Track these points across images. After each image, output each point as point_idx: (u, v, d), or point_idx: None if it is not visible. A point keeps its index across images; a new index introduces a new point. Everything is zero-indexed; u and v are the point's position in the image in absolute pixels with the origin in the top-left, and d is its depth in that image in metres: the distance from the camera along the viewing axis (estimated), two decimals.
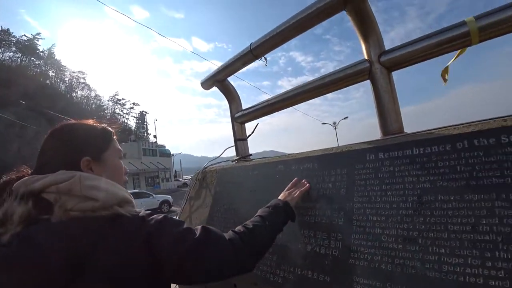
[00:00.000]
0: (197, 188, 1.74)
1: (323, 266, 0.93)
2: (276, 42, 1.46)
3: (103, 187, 0.68)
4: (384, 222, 0.86)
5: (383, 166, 0.94)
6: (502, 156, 0.75)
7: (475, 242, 0.71)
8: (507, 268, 0.65)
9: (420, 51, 1.13)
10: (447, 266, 0.72)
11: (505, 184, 0.72)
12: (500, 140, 0.78)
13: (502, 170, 0.74)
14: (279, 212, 0.95)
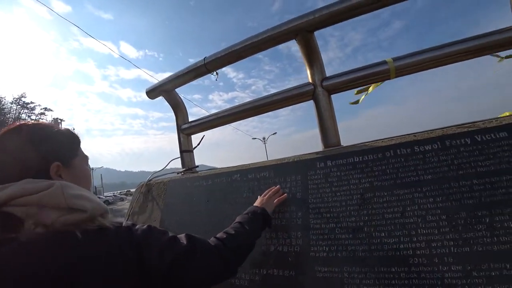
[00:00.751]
0: (141, 202, 1.63)
1: (287, 262, 1.03)
2: (230, 59, 1.57)
3: (89, 197, 0.63)
4: (336, 217, 1.03)
5: (331, 172, 1.12)
6: (416, 161, 1.01)
7: (404, 224, 0.92)
8: (426, 240, 0.87)
9: (353, 79, 1.40)
10: (387, 246, 0.91)
11: (420, 181, 0.97)
12: (414, 150, 1.04)
13: (417, 171, 0.99)
14: (257, 218, 0.99)
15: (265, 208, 1.05)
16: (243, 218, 0.97)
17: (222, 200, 1.31)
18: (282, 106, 1.55)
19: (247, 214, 0.99)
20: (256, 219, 0.98)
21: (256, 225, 0.97)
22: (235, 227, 0.91)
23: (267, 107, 1.56)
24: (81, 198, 0.60)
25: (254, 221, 0.97)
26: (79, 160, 0.75)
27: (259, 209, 1.03)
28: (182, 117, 1.83)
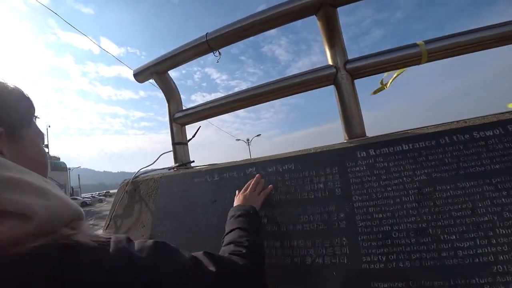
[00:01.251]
0: (125, 203, 1.31)
1: (331, 277, 0.80)
2: (238, 36, 1.34)
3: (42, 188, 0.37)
4: (390, 218, 0.82)
5: (377, 162, 0.92)
6: (478, 149, 0.85)
7: (478, 224, 0.74)
8: (509, 242, 0.70)
9: (379, 63, 1.23)
10: (461, 251, 0.73)
11: (487, 171, 0.80)
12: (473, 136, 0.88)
13: (481, 160, 0.83)
14: (253, 219, 0.83)
15: (254, 207, 0.88)
16: (240, 223, 0.79)
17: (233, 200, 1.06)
18: (298, 91, 1.34)
19: (241, 217, 0.81)
20: (253, 220, 0.82)
21: (258, 226, 0.83)
22: (242, 235, 0.74)
23: (281, 92, 1.34)
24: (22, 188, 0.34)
25: (253, 223, 0.81)
26: (31, 133, 0.50)
27: (249, 208, 0.86)
28: (176, 104, 1.54)
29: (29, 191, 0.33)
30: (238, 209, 0.86)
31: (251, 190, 0.95)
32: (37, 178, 0.37)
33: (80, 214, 0.41)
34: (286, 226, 0.92)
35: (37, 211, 0.32)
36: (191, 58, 1.41)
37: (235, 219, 0.81)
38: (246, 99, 1.40)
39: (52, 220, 0.34)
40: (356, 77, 1.28)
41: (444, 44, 1.16)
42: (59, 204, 0.36)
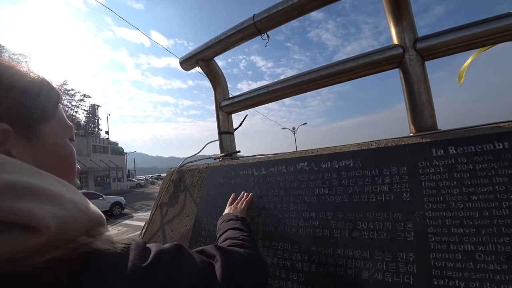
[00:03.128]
0: (171, 191, 1.33)
1: None
2: (289, 16, 1.21)
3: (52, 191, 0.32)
4: (474, 235, 0.66)
5: (459, 164, 0.75)
6: None
7: None
8: None
9: (459, 40, 1.01)
10: None
11: None
12: None
13: None
14: (243, 221, 0.87)
15: (243, 216, 0.91)
16: (231, 225, 0.83)
17: (283, 197, 0.98)
18: (356, 76, 1.18)
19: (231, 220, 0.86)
20: (242, 223, 0.85)
21: (246, 226, 0.86)
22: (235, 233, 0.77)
23: (335, 78, 1.19)
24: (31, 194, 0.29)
25: (242, 225, 0.84)
26: (53, 128, 0.44)
27: (237, 213, 0.92)
28: (222, 92, 1.49)
29: (39, 198, 0.29)
30: (226, 216, 0.91)
31: (235, 203, 1.02)
32: (51, 181, 0.33)
33: (100, 219, 0.38)
34: (341, 231, 0.82)
35: (48, 223, 0.28)
36: (237, 43, 1.32)
37: (225, 223, 0.85)
38: (297, 86, 1.28)
39: (67, 230, 0.30)
40: (428, 58, 1.07)
41: None
42: (75, 211, 0.32)
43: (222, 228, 0.84)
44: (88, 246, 0.32)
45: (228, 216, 0.90)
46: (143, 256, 0.37)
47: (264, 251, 0.93)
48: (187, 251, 0.46)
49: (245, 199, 1.03)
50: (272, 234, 0.94)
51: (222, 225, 0.86)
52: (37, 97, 0.42)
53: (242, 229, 0.80)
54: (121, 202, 14.85)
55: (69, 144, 0.47)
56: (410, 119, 1.08)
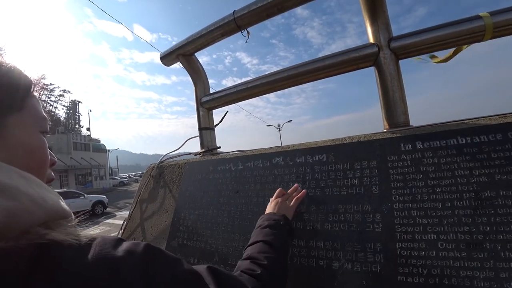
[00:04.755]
0: (151, 187, 1.32)
1: (361, 287, 0.71)
2: (269, 12, 1.22)
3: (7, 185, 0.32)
4: (437, 225, 0.69)
5: (425, 158, 0.78)
6: None
7: None
8: None
9: (432, 40, 1.05)
10: None
11: None
12: None
13: None
14: (283, 232, 0.73)
15: (286, 216, 0.78)
16: (267, 235, 0.69)
17: (258, 192, 0.99)
18: (333, 73, 1.20)
19: (269, 228, 0.72)
20: (281, 233, 0.72)
21: (286, 241, 0.72)
22: (264, 250, 0.64)
23: (314, 74, 1.21)
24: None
25: (280, 236, 0.71)
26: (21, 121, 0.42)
27: (280, 217, 0.76)
28: (203, 87, 1.49)
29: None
30: (268, 217, 0.76)
31: (284, 197, 0.86)
32: (11, 174, 0.32)
33: (61, 213, 0.37)
34: (313, 224, 0.84)
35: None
36: (218, 39, 1.32)
37: (261, 230, 0.72)
38: (276, 82, 1.29)
39: (19, 221, 0.30)
40: (402, 57, 1.11)
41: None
42: (28, 204, 0.32)
43: (254, 235, 0.72)
44: (43, 237, 0.31)
45: (270, 217, 0.76)
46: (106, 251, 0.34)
47: (240, 244, 0.94)
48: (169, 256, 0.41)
49: (296, 195, 0.86)
50: (248, 227, 0.95)
51: (257, 231, 0.73)
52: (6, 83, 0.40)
53: (276, 246, 0.66)
54: (103, 201, 14.52)
55: (39, 138, 0.45)
56: (384, 115, 1.11)
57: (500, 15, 0.96)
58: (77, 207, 12.85)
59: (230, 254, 0.95)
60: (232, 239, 0.97)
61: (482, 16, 0.99)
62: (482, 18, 0.99)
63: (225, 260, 0.95)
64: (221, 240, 0.99)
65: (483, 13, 1.01)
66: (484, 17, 0.99)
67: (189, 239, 1.09)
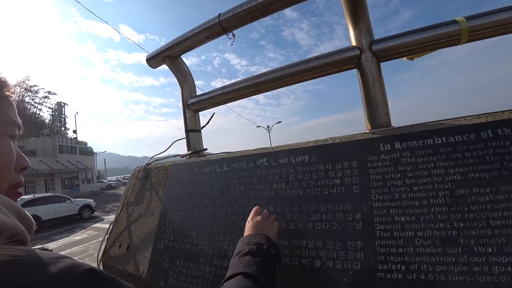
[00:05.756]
0: (137, 190, 1.31)
1: (343, 284, 0.72)
2: (253, 16, 1.23)
3: None
4: (415, 222, 0.72)
5: (403, 157, 0.81)
6: None
7: None
8: None
9: (411, 43, 1.08)
10: (498, 267, 0.61)
11: None
12: None
13: None
14: (267, 258, 0.61)
15: (269, 237, 0.67)
16: (248, 265, 0.57)
17: (243, 192, 1.00)
18: (317, 75, 1.22)
19: (250, 256, 0.60)
20: (266, 261, 0.60)
21: (271, 270, 0.60)
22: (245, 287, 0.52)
23: (299, 76, 1.23)
24: None
25: (265, 266, 0.59)
26: None
27: (262, 240, 0.65)
28: (189, 90, 1.49)
29: None
30: (247, 241, 0.65)
31: (264, 215, 0.75)
32: None
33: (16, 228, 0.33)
34: (296, 223, 0.85)
35: None
36: (204, 41, 1.33)
37: (240, 258, 0.60)
38: (262, 84, 1.30)
39: None
40: (383, 59, 1.14)
41: (490, 20, 0.99)
42: None
43: (233, 265, 0.60)
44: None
45: (250, 241, 0.65)
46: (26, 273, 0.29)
47: (225, 245, 0.94)
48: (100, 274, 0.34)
49: None
50: (232, 228, 0.95)
51: (236, 261, 0.61)
52: None
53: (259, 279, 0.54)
54: (91, 205, 14.24)
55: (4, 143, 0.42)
56: (366, 116, 1.14)
57: (475, 20, 1.00)
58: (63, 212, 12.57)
59: (215, 255, 0.96)
60: (218, 240, 0.98)
61: (458, 20, 1.03)
62: (458, 23, 1.03)
63: (210, 261, 0.96)
64: (207, 241, 0.99)
65: (459, 17, 1.05)
66: (460, 21, 1.03)
67: (175, 240, 1.09)
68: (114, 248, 1.28)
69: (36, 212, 11.24)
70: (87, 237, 8.84)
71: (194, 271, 0.97)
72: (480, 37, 1.04)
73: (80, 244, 7.93)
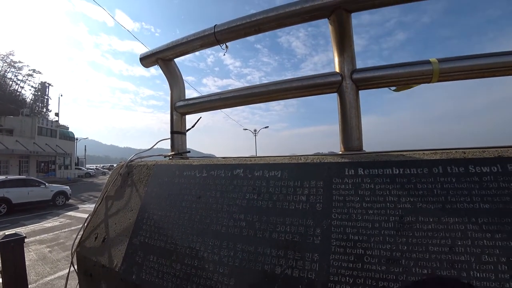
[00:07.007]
0: (118, 185, 1.35)
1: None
2: (247, 32, 1.31)
3: None
4: (366, 242, 0.81)
5: (364, 183, 0.90)
6: (470, 184, 0.81)
7: (453, 262, 0.72)
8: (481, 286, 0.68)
9: (388, 76, 1.18)
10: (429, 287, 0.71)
11: (475, 210, 0.77)
12: (468, 170, 0.84)
13: (471, 197, 0.79)
14: None
15: None
16: None
17: (218, 199, 1.07)
18: (300, 95, 1.32)
19: None
20: None
21: None
22: None
23: (283, 94, 1.32)
24: None
25: None
26: None
27: None
28: (178, 92, 1.55)
29: None
30: None
31: None
32: None
33: None
34: (263, 232, 0.93)
35: None
36: (197, 49, 1.40)
37: None
38: (248, 97, 1.38)
39: None
40: (362, 88, 1.24)
41: (459, 65, 1.10)
42: None
43: None
44: None
45: None
46: None
47: (197, 246, 1.01)
48: None
49: None
50: (205, 231, 1.02)
51: None
52: None
53: None
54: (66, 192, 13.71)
55: None
56: (341, 139, 1.23)
57: (446, 63, 1.12)
58: (36, 196, 12.09)
59: (187, 255, 1.02)
60: (190, 240, 1.04)
61: (431, 61, 1.14)
62: (431, 63, 1.14)
63: (182, 260, 1.02)
64: (180, 241, 1.06)
65: (433, 59, 1.16)
66: (433, 62, 1.14)
67: (151, 237, 1.14)
68: (90, 240, 1.32)
69: (6, 194, 10.81)
70: (58, 224, 8.59)
71: (166, 267, 1.03)
72: (450, 78, 1.15)
73: (50, 231, 7.70)
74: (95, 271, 1.24)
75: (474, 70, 1.11)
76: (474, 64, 1.10)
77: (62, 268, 4.92)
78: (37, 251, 5.88)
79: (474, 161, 0.86)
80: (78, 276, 1.36)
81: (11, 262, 2.02)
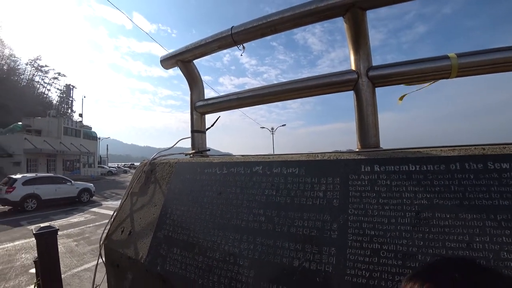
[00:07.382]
0: (142, 182, 1.43)
1: (314, 283, 0.84)
2: (264, 32, 1.34)
3: None
4: (382, 237, 0.83)
5: (380, 179, 0.92)
6: (489, 181, 0.81)
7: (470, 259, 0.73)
8: None
9: (405, 73, 1.18)
10: None
11: (494, 206, 0.77)
12: (487, 166, 0.84)
13: (490, 193, 0.79)
14: None
15: None
16: None
17: (238, 195, 1.12)
18: (316, 93, 1.34)
19: None
20: None
21: None
22: None
23: (299, 93, 1.34)
24: None
25: None
26: None
27: None
28: (198, 93, 1.61)
29: None
30: None
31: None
32: None
33: None
34: (281, 227, 0.97)
35: None
36: (215, 50, 1.45)
37: None
38: (264, 96, 1.42)
39: None
40: (378, 85, 1.24)
41: (479, 59, 1.09)
42: None
43: None
44: None
45: None
46: None
47: (218, 239, 1.06)
48: None
49: None
50: (226, 225, 1.07)
51: None
52: None
53: None
54: (90, 189, 14.32)
55: None
56: (357, 136, 1.24)
57: (465, 58, 1.10)
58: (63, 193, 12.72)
59: (209, 248, 1.08)
60: (212, 234, 1.10)
61: (450, 56, 1.13)
62: (450, 58, 1.12)
63: (204, 252, 1.08)
64: (202, 235, 1.11)
65: (451, 54, 1.15)
66: (451, 57, 1.13)
67: (174, 231, 1.21)
68: (116, 233, 1.41)
69: (36, 191, 11.44)
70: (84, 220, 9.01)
71: (189, 259, 1.10)
72: (469, 73, 1.14)
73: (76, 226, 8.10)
74: (121, 262, 1.33)
75: (493, 64, 1.09)
76: (495, 58, 1.08)
77: (88, 261, 5.18)
78: (65, 245, 6.22)
79: (493, 157, 0.85)
80: (105, 267, 1.45)
81: (45, 252, 2.18)
